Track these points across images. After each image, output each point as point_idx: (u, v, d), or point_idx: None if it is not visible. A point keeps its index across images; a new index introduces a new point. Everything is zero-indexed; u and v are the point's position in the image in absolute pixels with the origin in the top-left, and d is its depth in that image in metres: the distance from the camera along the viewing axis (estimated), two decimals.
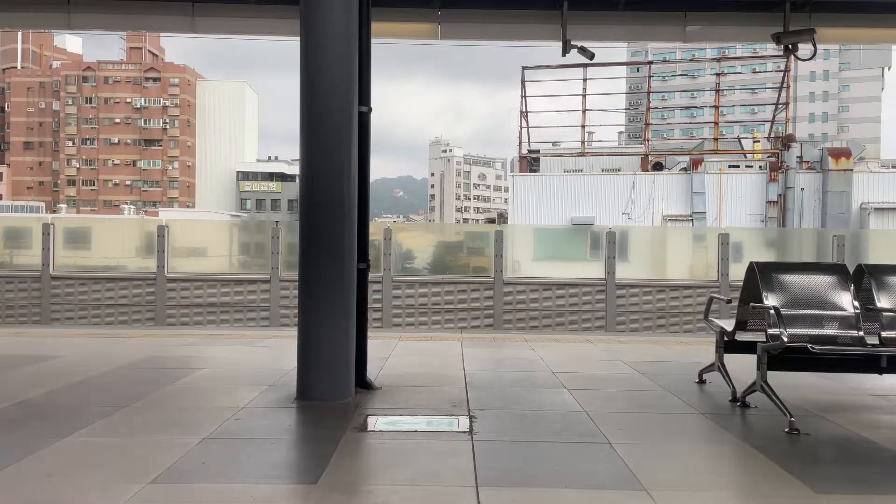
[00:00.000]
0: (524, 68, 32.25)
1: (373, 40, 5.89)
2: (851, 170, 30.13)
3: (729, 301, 5.70)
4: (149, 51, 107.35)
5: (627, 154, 39.08)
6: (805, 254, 13.17)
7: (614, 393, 5.68)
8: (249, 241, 14.17)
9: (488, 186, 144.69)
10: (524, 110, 32.43)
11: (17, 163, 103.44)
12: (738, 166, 33.39)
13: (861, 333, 4.96)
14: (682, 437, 4.44)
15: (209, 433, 4.29)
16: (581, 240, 14.72)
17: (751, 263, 5.28)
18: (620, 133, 56.28)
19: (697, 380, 6.08)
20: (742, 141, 38.00)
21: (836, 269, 5.24)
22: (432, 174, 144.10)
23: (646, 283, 11.88)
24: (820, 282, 5.19)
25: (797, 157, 31.39)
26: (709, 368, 5.93)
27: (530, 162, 34.19)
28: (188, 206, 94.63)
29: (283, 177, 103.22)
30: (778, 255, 13.20)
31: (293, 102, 5.65)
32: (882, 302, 5.02)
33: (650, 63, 42.89)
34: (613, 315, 11.67)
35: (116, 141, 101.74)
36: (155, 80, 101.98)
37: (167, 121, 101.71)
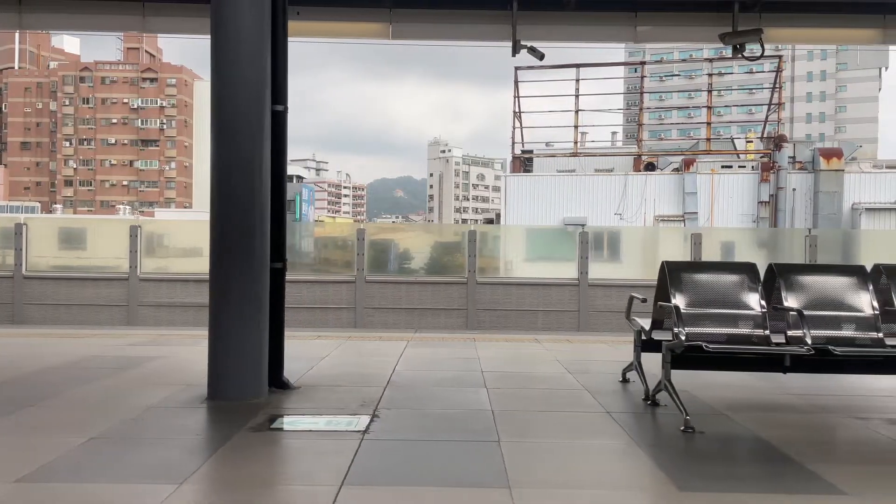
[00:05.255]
0: (517, 69, 32.24)
1: (326, 39, 5.92)
2: (843, 170, 30.07)
3: (644, 300, 5.69)
4: (146, 51, 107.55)
5: (620, 154, 39.03)
6: (795, 254, 13.11)
7: (532, 392, 5.67)
8: None
9: (487, 187, 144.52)
10: (517, 111, 32.43)
11: (14, 163, 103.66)
12: (730, 167, 33.36)
13: (767, 332, 4.95)
14: (575, 436, 4.43)
15: (99, 432, 4.29)
16: (562, 240, 14.73)
17: (662, 263, 5.27)
18: (614, 133, 56.20)
19: (621, 378, 6.08)
20: (735, 141, 37.93)
21: (745, 269, 5.21)
22: (431, 174, 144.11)
23: (619, 283, 11.85)
24: (729, 281, 5.18)
25: (789, 157, 31.30)
26: (630, 367, 5.92)
27: (524, 162, 34.20)
28: (185, 207, 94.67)
29: None
30: (768, 255, 13.15)
31: (293, 102, 5.80)
32: (789, 301, 5.01)
33: (643, 63, 42.86)
34: (586, 315, 11.67)
35: (113, 141, 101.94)
36: (152, 80, 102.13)
37: (164, 121, 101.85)
